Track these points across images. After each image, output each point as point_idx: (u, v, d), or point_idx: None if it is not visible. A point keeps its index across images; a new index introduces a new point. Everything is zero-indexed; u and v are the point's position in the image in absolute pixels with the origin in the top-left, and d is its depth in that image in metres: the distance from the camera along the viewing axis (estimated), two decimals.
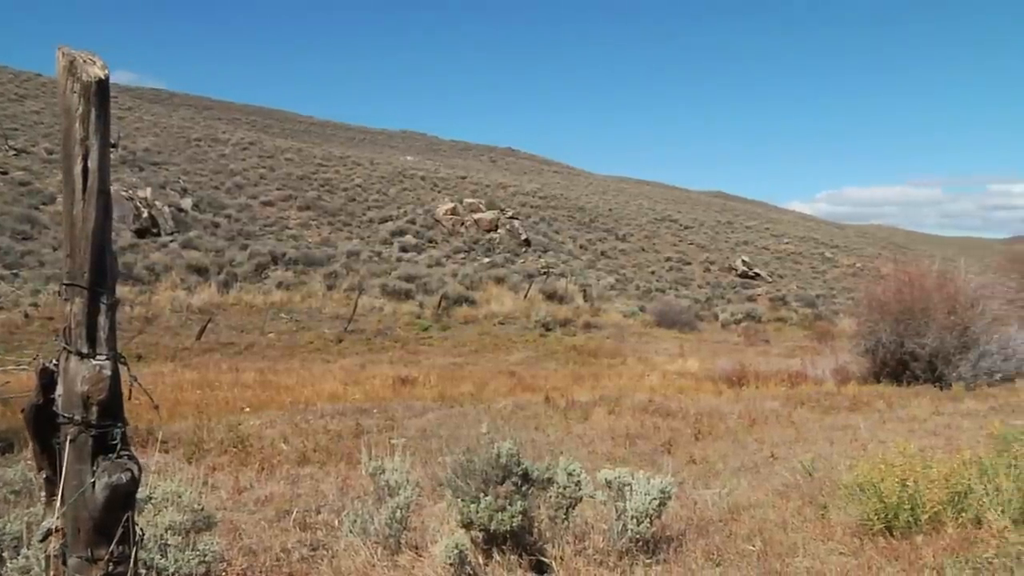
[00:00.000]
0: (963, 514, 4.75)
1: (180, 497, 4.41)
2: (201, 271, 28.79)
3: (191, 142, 57.19)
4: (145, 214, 34.27)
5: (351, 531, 5.06)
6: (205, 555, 4.04)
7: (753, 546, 4.84)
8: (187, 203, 39.64)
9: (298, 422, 11.19)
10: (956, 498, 4.81)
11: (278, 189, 48.47)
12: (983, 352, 17.01)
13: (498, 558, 4.59)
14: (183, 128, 62.53)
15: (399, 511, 4.93)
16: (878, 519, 4.82)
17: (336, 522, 5.66)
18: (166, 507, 4.31)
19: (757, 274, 54.45)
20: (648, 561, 4.63)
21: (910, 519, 4.74)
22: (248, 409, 12.55)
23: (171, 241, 33.30)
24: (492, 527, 4.54)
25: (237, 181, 48.30)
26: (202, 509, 4.47)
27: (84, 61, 2.74)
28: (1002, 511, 4.71)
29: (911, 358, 17.08)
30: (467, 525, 4.66)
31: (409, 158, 78.38)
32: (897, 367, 17.37)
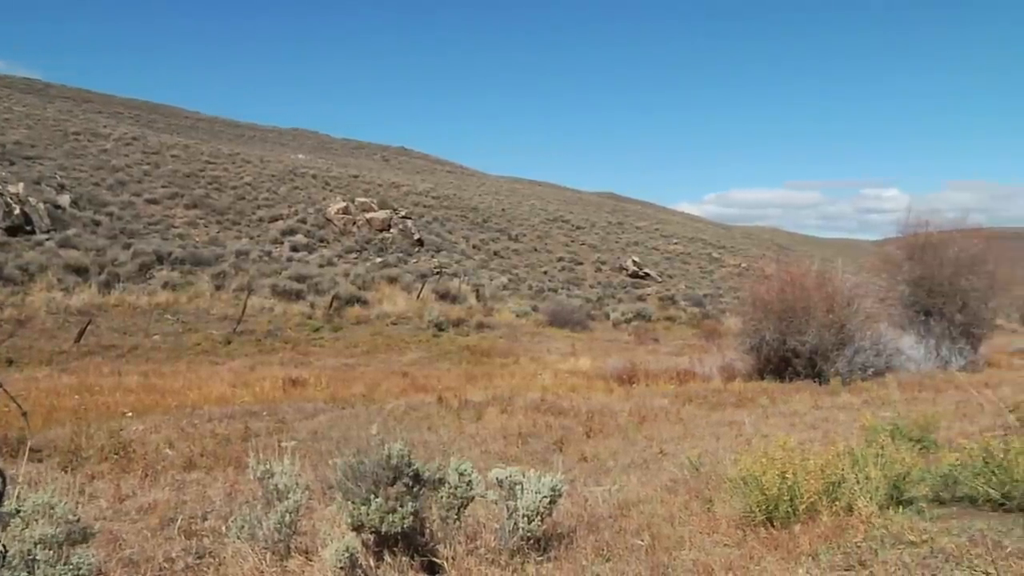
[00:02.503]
0: (837, 503, 4.95)
1: (53, 508, 4.19)
2: (80, 271, 27.55)
3: (69, 136, 54.69)
4: (17, 211, 32.59)
5: (239, 537, 4.94)
6: (79, 568, 3.86)
7: (642, 540, 4.93)
8: (64, 200, 37.90)
9: (184, 426, 10.87)
10: (831, 488, 5.02)
11: (163, 187, 46.83)
12: (858, 348, 17.80)
13: (389, 560, 4.55)
14: (60, 121, 59.73)
15: (288, 515, 4.84)
16: (760, 511, 4.98)
17: (223, 528, 5.51)
18: (36, 520, 4.09)
19: (647, 274, 55.54)
20: (539, 559, 4.67)
21: (789, 509, 4.91)
22: (131, 414, 12.12)
23: (47, 239, 31.74)
24: (383, 529, 4.51)
25: (119, 177, 46.44)
26: (78, 520, 4.27)
27: None
28: (870, 498, 4.94)
29: (793, 355, 17.72)
30: (358, 528, 4.61)
31: (300, 156, 76.93)
32: (780, 364, 17.99)
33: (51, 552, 3.90)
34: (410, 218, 50.81)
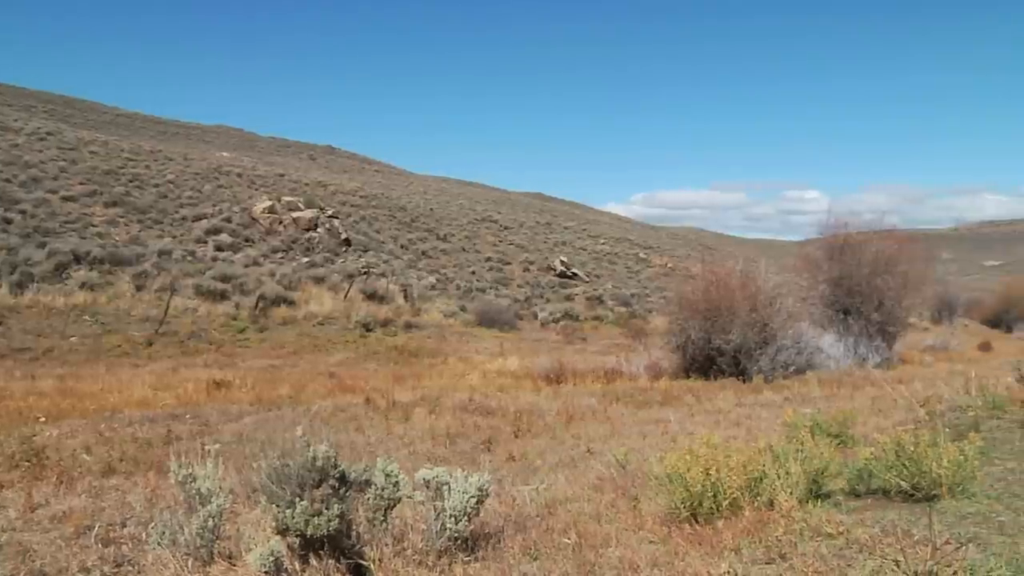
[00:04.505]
0: (758, 498, 5.07)
1: None
2: None
3: None
4: None
5: (159, 543, 4.84)
6: None
7: (569, 539, 4.96)
8: None
9: (103, 430, 10.61)
10: (752, 483, 5.13)
11: (81, 184, 45.43)
12: (780, 346, 18.21)
13: (315, 563, 4.50)
14: None
15: (211, 520, 4.76)
16: (684, 507, 5.06)
17: (144, 535, 5.39)
18: None
19: (575, 274, 55.94)
20: (467, 559, 4.67)
21: (713, 505, 5.01)
22: (44, 419, 11.75)
23: None
24: (308, 532, 4.46)
25: (33, 174, 44.87)
26: None
27: None
28: (791, 493, 5.08)
29: (717, 353, 18.05)
30: (283, 531, 4.55)
31: (225, 154, 75.48)
32: (705, 362, 18.31)
33: None
34: (337, 217, 50.29)
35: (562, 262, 56.80)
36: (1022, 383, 10.59)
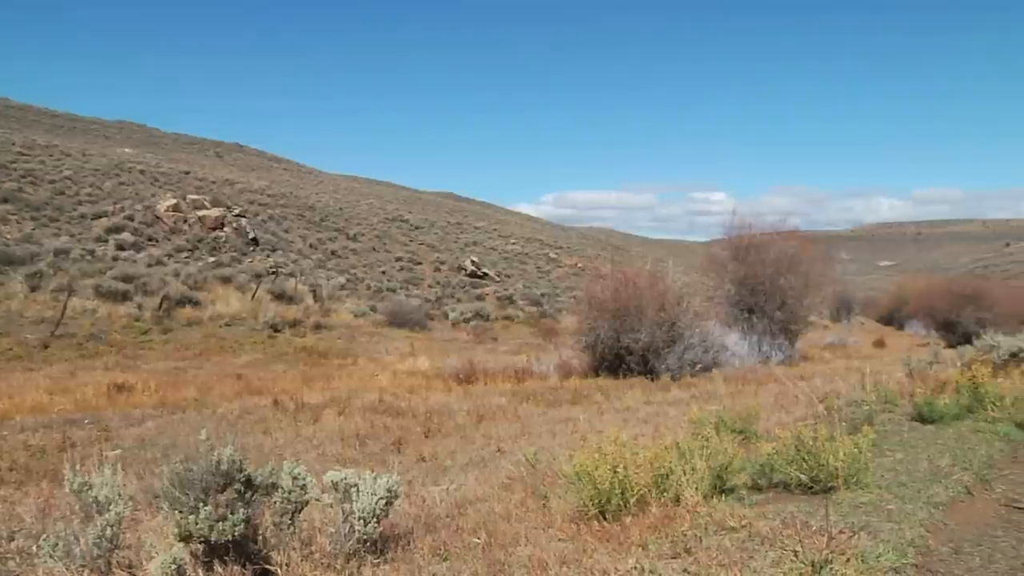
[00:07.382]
0: (665, 494, 5.18)
1: None
2: None
3: None
4: None
5: (51, 556, 4.63)
6: None
7: (479, 539, 4.97)
8: None
9: None
10: (659, 480, 5.24)
11: None
12: (687, 345, 18.58)
13: (220, 570, 4.40)
14: None
15: (109, 528, 4.59)
16: (593, 505, 5.12)
17: (34, 548, 5.16)
18: None
19: (485, 274, 56.03)
20: (375, 561, 4.63)
21: (620, 502, 5.08)
22: None
23: None
24: (213, 538, 4.35)
25: None
26: None
27: None
28: (696, 488, 5.21)
29: (626, 352, 18.31)
30: (186, 538, 4.43)
31: (127, 150, 73.11)
32: (614, 361, 18.55)
33: None
34: (245, 216, 49.29)
35: (473, 262, 56.83)
36: (911, 378, 11.09)
